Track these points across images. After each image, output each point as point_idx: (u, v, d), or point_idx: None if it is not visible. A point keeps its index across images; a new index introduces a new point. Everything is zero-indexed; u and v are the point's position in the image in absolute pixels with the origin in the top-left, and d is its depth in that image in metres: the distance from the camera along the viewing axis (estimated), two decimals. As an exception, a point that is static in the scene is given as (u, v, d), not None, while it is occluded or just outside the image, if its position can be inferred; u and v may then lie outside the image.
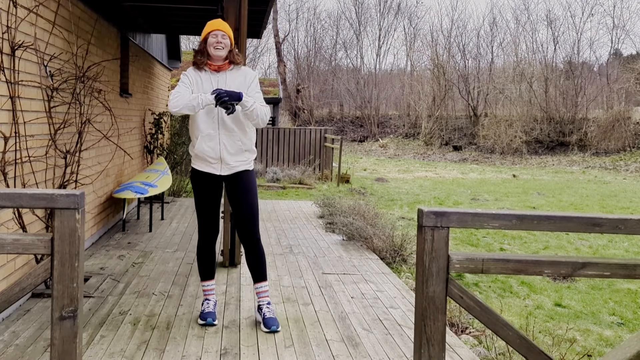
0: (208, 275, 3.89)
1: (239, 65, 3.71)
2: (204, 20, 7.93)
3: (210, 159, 3.65)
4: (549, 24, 30.97)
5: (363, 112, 32.06)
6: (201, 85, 3.62)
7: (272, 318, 3.73)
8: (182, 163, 10.71)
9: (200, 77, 3.65)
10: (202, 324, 3.74)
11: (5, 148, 3.73)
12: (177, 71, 15.21)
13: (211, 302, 3.86)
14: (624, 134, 24.34)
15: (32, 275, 2.11)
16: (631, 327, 5.22)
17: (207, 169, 3.69)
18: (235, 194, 3.74)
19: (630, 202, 13.30)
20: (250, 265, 3.84)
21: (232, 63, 3.67)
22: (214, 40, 3.59)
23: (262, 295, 3.85)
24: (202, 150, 3.64)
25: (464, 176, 18.88)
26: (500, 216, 2.20)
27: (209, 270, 3.89)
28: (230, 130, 3.63)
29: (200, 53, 3.65)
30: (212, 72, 3.65)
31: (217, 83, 3.61)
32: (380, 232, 6.44)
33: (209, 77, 3.64)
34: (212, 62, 3.64)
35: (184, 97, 3.49)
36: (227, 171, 3.69)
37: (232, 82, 3.63)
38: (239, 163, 3.70)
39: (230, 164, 3.67)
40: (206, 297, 3.89)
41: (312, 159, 15.51)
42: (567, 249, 8.15)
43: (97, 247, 5.88)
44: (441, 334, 2.18)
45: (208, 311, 3.79)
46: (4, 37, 3.73)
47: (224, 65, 3.64)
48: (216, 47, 3.58)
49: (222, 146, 3.63)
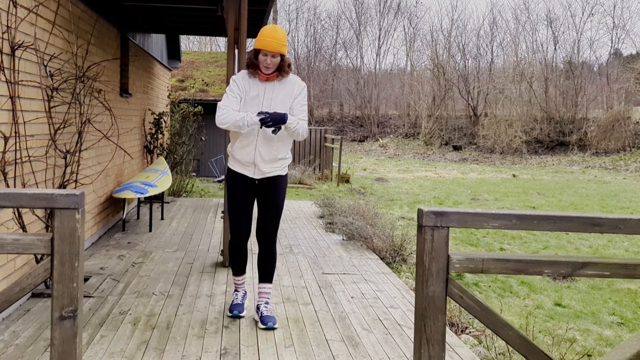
0: (239, 271, 4.01)
1: (287, 75, 3.72)
2: (203, 20, 8.00)
3: (244, 162, 3.71)
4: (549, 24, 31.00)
5: (363, 112, 32.07)
6: (249, 90, 3.66)
7: (268, 315, 3.77)
8: (182, 163, 10.71)
9: (249, 82, 3.68)
10: (230, 316, 3.91)
11: (5, 148, 3.73)
12: (177, 71, 15.23)
13: (240, 293, 4.02)
14: (623, 134, 24.35)
15: (32, 275, 2.10)
16: (631, 326, 5.22)
17: (242, 170, 3.75)
18: (264, 195, 3.80)
19: (630, 201, 13.30)
20: (261, 265, 3.89)
21: (281, 74, 3.69)
22: (264, 60, 3.60)
23: (262, 296, 3.88)
24: (237, 153, 3.71)
25: (463, 176, 18.89)
26: (500, 216, 2.20)
27: (240, 266, 3.99)
28: (269, 140, 3.66)
29: (253, 65, 3.67)
30: (260, 81, 3.68)
31: (264, 91, 3.65)
32: (380, 232, 6.44)
33: (257, 84, 3.68)
34: (262, 72, 3.67)
35: (231, 115, 3.55)
36: (259, 175, 3.75)
37: (278, 93, 3.67)
38: (272, 169, 3.75)
39: (263, 170, 3.72)
40: (236, 288, 4.05)
41: (312, 159, 15.51)
42: (567, 248, 8.15)
43: (97, 247, 5.88)
44: (441, 334, 2.18)
45: (236, 303, 3.96)
46: (4, 37, 3.73)
47: (272, 76, 3.67)
48: (265, 67, 3.61)
49: (257, 153, 3.67)
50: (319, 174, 15.10)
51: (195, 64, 17.89)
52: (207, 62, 18.21)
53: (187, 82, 16.54)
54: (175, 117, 11.21)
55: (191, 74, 16.99)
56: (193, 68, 17.44)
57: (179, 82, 16.39)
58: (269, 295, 3.90)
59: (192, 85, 16.33)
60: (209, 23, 8.25)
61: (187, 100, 13.07)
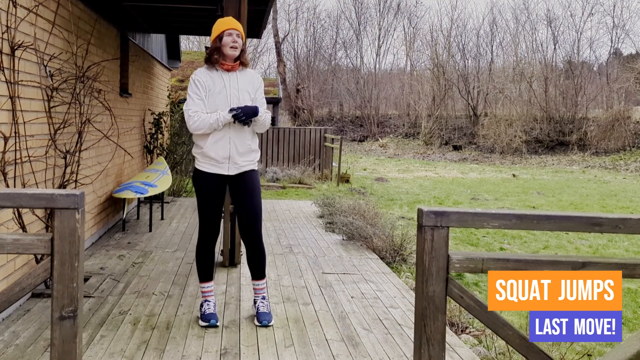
0: (207, 277, 3.86)
1: (246, 67, 3.75)
2: (203, 20, 7.99)
3: (219, 158, 3.65)
4: (548, 24, 30.96)
5: (363, 112, 32.05)
6: (213, 85, 3.62)
7: (264, 313, 3.78)
8: (182, 163, 10.71)
9: (210, 77, 3.65)
10: (205, 326, 3.71)
11: (5, 148, 3.73)
12: (176, 71, 15.23)
13: (211, 303, 3.84)
14: (623, 134, 24.34)
15: (32, 275, 2.10)
16: (631, 326, 5.22)
17: (214, 169, 3.68)
18: (240, 193, 3.75)
19: (630, 201, 13.30)
20: (251, 264, 3.86)
21: (242, 64, 3.70)
22: (230, 40, 3.58)
23: (258, 292, 3.90)
24: (211, 150, 3.63)
25: (463, 176, 18.88)
26: (500, 216, 2.20)
27: (209, 271, 3.86)
28: (239, 130, 3.65)
29: (217, 51, 3.63)
30: (223, 72, 3.66)
31: (229, 82, 3.64)
32: (380, 232, 6.44)
33: (220, 76, 3.65)
34: (225, 61, 3.65)
35: (204, 119, 3.53)
36: (234, 171, 3.70)
37: (242, 83, 3.67)
38: (246, 163, 3.72)
39: (238, 164, 3.69)
40: (205, 298, 3.86)
41: (312, 158, 15.50)
42: (567, 248, 8.15)
43: (97, 247, 5.88)
44: (441, 334, 2.18)
45: (209, 312, 3.77)
46: (3, 37, 3.73)
47: (235, 65, 3.66)
48: (232, 46, 3.58)
49: (232, 145, 3.64)
50: (318, 173, 15.09)
51: (195, 64, 17.90)
52: (207, 62, 18.19)
53: (187, 82, 16.53)
54: (175, 117, 11.21)
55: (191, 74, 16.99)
56: (193, 68, 17.44)
57: (179, 82, 16.40)
58: (264, 291, 3.91)
59: (192, 85, 16.30)
60: (208, 23, 8.23)
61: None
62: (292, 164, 15.28)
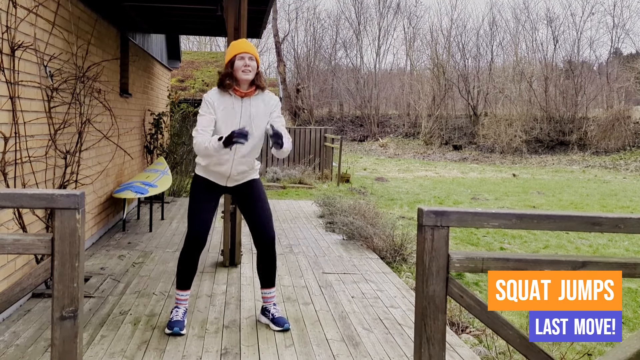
0: (187, 285, 3.71)
1: (263, 90, 3.59)
2: (203, 20, 7.99)
3: (218, 176, 3.64)
4: (548, 23, 30.97)
5: (363, 112, 32.04)
6: (224, 108, 3.49)
7: (281, 317, 3.75)
8: (182, 163, 10.71)
9: (222, 99, 3.50)
10: (169, 333, 3.54)
11: (6, 148, 3.73)
12: (176, 71, 15.23)
13: (181, 310, 3.70)
14: (623, 133, 24.33)
15: (32, 276, 2.11)
16: (631, 326, 5.22)
17: (213, 179, 3.67)
18: (247, 203, 3.72)
19: (630, 201, 13.30)
20: (262, 271, 3.80)
21: (258, 88, 3.54)
22: (242, 63, 3.43)
23: (268, 300, 3.85)
24: (212, 166, 3.59)
25: (464, 175, 18.88)
26: (500, 215, 2.20)
27: (189, 280, 3.71)
28: (243, 156, 3.58)
29: (229, 76, 3.47)
30: (236, 97, 3.51)
31: (240, 109, 3.50)
32: (380, 232, 6.44)
33: (232, 103, 3.50)
34: (239, 87, 3.49)
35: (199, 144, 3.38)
36: (232, 183, 3.70)
37: (255, 110, 3.52)
38: (244, 176, 3.71)
39: (236, 179, 3.68)
40: (177, 304, 3.73)
41: (312, 158, 15.49)
42: (567, 248, 8.15)
43: (98, 247, 5.88)
44: (441, 333, 2.18)
45: (176, 320, 3.62)
46: (3, 37, 3.73)
47: (250, 91, 3.51)
48: (244, 70, 3.44)
49: (234, 169, 3.60)
50: (318, 173, 15.09)
51: (195, 64, 17.89)
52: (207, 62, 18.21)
53: (187, 82, 16.54)
54: (175, 117, 11.21)
55: (191, 74, 16.99)
56: (193, 68, 17.44)
57: (179, 82, 16.39)
58: (275, 299, 3.88)
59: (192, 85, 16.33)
60: (208, 23, 8.24)
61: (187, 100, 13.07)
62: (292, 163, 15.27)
